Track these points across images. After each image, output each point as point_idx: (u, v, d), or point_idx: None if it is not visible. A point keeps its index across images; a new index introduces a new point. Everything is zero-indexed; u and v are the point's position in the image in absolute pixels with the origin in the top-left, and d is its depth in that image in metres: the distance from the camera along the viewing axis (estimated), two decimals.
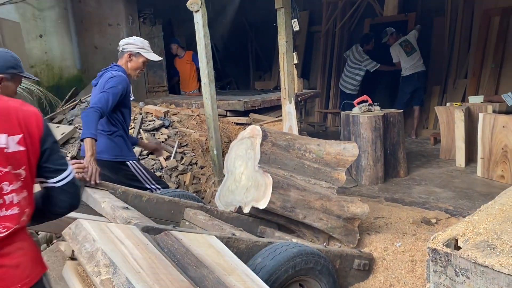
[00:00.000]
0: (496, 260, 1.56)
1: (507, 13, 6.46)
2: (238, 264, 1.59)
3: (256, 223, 3.13)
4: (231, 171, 3.47)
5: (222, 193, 3.43)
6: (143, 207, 2.53)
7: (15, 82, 2.35)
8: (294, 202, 2.93)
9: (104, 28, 6.87)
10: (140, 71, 3.25)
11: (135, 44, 3.19)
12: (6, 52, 2.34)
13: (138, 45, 3.18)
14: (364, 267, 2.73)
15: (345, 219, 3.11)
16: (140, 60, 3.20)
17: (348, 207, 3.11)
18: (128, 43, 3.20)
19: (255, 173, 3.12)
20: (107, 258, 1.27)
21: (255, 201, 2.92)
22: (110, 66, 3.23)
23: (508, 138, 4.39)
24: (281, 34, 4.61)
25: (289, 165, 3.27)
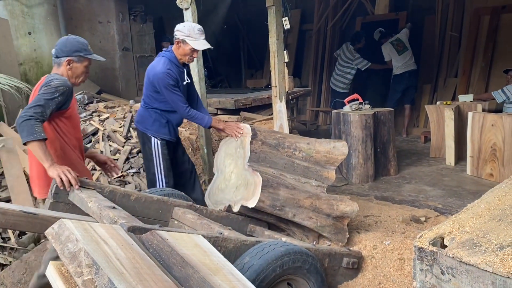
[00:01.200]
0: (481, 259, 1.56)
1: (497, 12, 6.50)
2: (224, 264, 1.59)
3: (246, 222, 3.12)
4: (221, 169, 3.46)
5: (211, 192, 3.42)
6: (131, 206, 2.51)
7: (82, 63, 2.66)
8: (283, 201, 2.93)
9: (94, 25, 6.82)
10: (190, 58, 3.33)
11: (181, 31, 3.26)
12: (72, 38, 2.70)
13: (185, 33, 3.25)
14: (353, 265, 2.74)
15: (335, 218, 3.11)
16: (187, 48, 3.27)
17: (337, 206, 3.12)
18: (177, 30, 3.29)
19: (244, 172, 3.12)
20: (89, 258, 1.25)
21: (245, 200, 2.92)
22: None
23: (497, 137, 4.42)
24: (272, 32, 4.60)
25: (278, 163, 3.27)
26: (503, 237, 1.70)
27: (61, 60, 2.60)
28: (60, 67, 2.62)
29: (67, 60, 2.59)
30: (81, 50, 2.64)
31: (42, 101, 2.38)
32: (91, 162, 4.29)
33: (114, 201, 2.39)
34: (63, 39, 2.69)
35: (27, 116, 2.31)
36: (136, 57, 7.19)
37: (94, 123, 4.92)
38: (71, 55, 2.60)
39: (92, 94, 6.07)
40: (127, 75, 7.05)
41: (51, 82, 2.48)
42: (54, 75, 2.58)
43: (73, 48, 2.63)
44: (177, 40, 3.28)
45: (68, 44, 2.63)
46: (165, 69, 3.24)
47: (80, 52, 2.64)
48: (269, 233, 2.99)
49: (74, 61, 2.61)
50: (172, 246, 1.56)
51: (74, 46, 2.63)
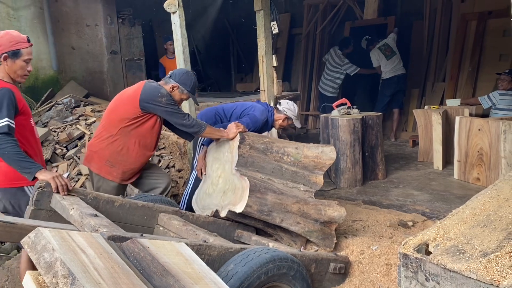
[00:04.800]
0: (465, 266, 1.56)
1: (483, 17, 6.57)
2: (207, 272, 1.56)
3: (233, 227, 3.10)
4: (209, 174, 3.44)
5: (199, 197, 3.39)
6: (115, 213, 2.47)
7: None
8: (271, 206, 2.91)
9: (81, 29, 6.76)
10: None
11: (291, 110, 3.87)
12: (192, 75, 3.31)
13: (292, 111, 3.87)
14: (340, 270, 2.72)
15: (322, 223, 3.10)
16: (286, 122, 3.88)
17: (325, 211, 3.10)
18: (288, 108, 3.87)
19: (232, 176, 3.09)
20: (65, 268, 1.22)
21: (232, 204, 2.89)
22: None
23: (484, 141, 4.45)
24: (260, 36, 4.60)
25: (267, 168, 3.25)
26: (487, 244, 1.70)
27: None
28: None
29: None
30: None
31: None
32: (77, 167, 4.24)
33: (97, 208, 2.36)
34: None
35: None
36: (124, 61, 7.13)
37: (80, 127, 4.86)
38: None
39: (79, 97, 6.01)
40: (115, 78, 6.99)
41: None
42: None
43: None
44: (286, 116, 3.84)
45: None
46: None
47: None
48: (256, 238, 2.98)
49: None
50: (153, 255, 1.53)
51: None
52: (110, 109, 3.20)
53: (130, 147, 3.09)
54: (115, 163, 3.09)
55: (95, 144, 3.14)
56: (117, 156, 3.08)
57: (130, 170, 3.17)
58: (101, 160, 3.09)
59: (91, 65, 6.83)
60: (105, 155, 3.08)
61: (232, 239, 3.08)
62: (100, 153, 3.09)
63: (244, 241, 3.03)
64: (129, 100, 3.08)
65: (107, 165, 3.08)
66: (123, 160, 3.10)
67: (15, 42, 2.50)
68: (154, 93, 3.03)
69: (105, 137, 3.09)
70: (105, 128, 3.12)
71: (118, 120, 3.07)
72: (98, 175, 3.13)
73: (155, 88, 3.07)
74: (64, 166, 4.38)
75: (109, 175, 3.11)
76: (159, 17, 8.25)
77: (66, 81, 6.63)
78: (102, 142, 3.09)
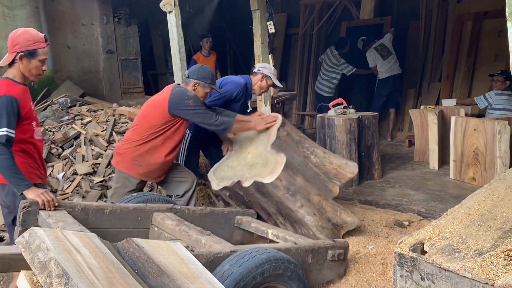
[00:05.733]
0: (460, 265, 1.56)
1: (479, 18, 6.59)
2: (202, 272, 1.56)
3: (232, 215, 3.15)
4: (235, 150, 3.59)
5: (219, 168, 3.50)
6: (107, 220, 2.46)
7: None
8: (297, 188, 3.01)
9: (77, 28, 6.73)
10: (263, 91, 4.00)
11: (267, 68, 3.90)
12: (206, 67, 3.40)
13: (269, 70, 3.89)
14: (338, 257, 2.68)
15: (334, 224, 3.18)
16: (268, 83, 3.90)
17: (340, 213, 3.22)
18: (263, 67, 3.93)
19: (266, 153, 3.21)
20: (60, 268, 1.21)
21: (261, 176, 2.98)
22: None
23: (479, 141, 4.46)
24: (257, 36, 4.60)
25: (295, 159, 3.33)
26: (482, 243, 1.70)
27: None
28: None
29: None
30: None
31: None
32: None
33: (87, 219, 2.35)
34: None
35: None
36: (120, 60, 7.11)
37: (76, 126, 4.84)
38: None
39: (75, 97, 5.99)
40: (111, 78, 6.98)
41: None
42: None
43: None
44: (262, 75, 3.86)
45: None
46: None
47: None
48: (256, 224, 3.02)
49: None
50: (148, 254, 1.52)
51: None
52: (140, 116, 3.35)
53: (157, 148, 3.24)
54: (142, 163, 3.23)
55: (124, 148, 3.29)
56: (144, 156, 3.23)
57: (156, 170, 3.30)
58: (129, 160, 3.24)
59: (87, 64, 6.81)
60: (133, 156, 3.23)
61: (232, 226, 3.12)
62: (128, 155, 3.24)
63: (244, 228, 3.09)
64: (158, 107, 3.23)
65: (135, 164, 3.23)
66: (150, 160, 3.24)
67: (33, 41, 2.45)
68: (181, 98, 3.17)
69: (135, 141, 3.24)
70: (136, 133, 3.27)
71: (148, 127, 3.22)
72: (125, 173, 3.27)
73: (182, 92, 3.21)
74: (60, 166, 4.36)
75: (136, 173, 3.25)
76: (155, 16, 8.23)
77: (62, 80, 6.60)
78: (131, 146, 3.24)
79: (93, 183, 4.18)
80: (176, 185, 3.45)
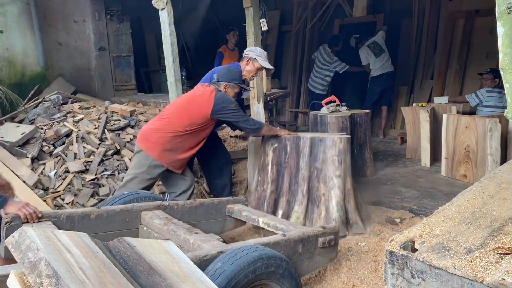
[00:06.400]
0: (450, 262, 1.57)
1: (471, 16, 6.63)
2: (194, 271, 1.56)
3: (223, 204, 3.18)
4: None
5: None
6: (94, 225, 2.45)
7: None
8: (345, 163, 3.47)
9: (69, 24, 6.67)
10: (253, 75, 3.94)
11: (253, 51, 3.89)
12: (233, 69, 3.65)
13: (256, 53, 3.86)
14: (329, 243, 2.69)
15: (348, 218, 3.45)
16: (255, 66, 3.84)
17: (358, 213, 3.57)
18: (249, 50, 3.93)
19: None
20: (50, 268, 1.21)
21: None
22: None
23: (471, 139, 4.50)
24: (250, 33, 4.57)
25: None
26: (471, 240, 1.72)
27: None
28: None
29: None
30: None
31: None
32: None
33: (73, 227, 2.33)
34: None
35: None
36: (112, 57, 7.06)
37: (68, 124, 4.80)
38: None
39: (67, 94, 5.93)
40: (104, 75, 6.92)
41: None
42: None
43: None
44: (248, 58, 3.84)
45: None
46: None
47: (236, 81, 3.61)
48: (247, 213, 3.04)
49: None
50: (139, 253, 1.52)
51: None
52: (178, 110, 3.47)
53: (187, 141, 3.39)
54: (171, 153, 3.37)
55: (157, 136, 3.37)
56: (174, 148, 3.37)
57: (179, 160, 3.42)
58: (161, 149, 3.34)
59: (79, 61, 6.76)
60: (166, 146, 3.34)
61: (223, 215, 3.17)
62: (160, 144, 3.34)
63: (235, 216, 3.13)
64: (202, 108, 3.39)
65: (166, 153, 3.34)
66: (177, 151, 3.38)
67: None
68: (226, 103, 3.40)
69: (169, 132, 3.36)
70: (171, 124, 3.39)
71: (188, 124, 3.37)
72: (154, 159, 3.34)
73: (226, 99, 3.43)
74: (51, 164, 4.33)
75: (165, 162, 3.35)
76: (148, 13, 8.17)
77: (54, 77, 6.54)
78: (164, 136, 3.35)
79: (85, 181, 4.15)
80: (175, 181, 3.49)
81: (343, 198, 3.38)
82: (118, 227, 2.51)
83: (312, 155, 3.46)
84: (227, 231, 3.27)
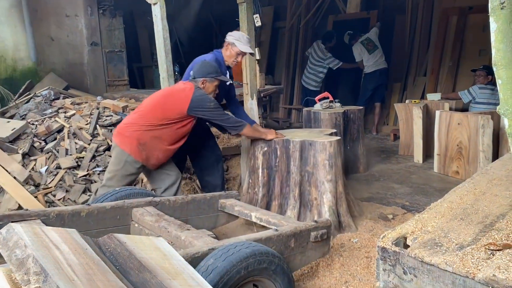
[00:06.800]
0: (441, 259, 1.57)
1: (464, 12, 6.65)
2: (185, 267, 1.54)
3: (215, 199, 3.15)
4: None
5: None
6: (85, 223, 2.42)
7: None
8: (336, 167, 3.41)
9: (61, 19, 6.60)
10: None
11: (233, 36, 3.77)
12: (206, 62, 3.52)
13: (235, 37, 3.75)
14: (322, 237, 2.66)
15: (340, 221, 3.42)
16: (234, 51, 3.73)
17: (350, 216, 3.54)
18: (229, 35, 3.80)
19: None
20: (38, 265, 1.19)
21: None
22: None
23: (463, 135, 4.51)
24: (243, 29, 4.55)
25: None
26: (463, 237, 1.72)
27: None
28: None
29: None
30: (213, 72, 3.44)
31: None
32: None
33: (63, 225, 2.29)
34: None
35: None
36: (105, 53, 6.99)
37: (59, 119, 4.75)
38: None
39: (59, 89, 5.87)
40: (96, 70, 6.86)
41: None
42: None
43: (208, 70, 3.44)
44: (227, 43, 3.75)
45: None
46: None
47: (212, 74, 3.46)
48: (239, 208, 3.01)
49: None
50: (130, 250, 1.51)
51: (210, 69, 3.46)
52: (154, 104, 3.39)
53: (162, 137, 3.29)
54: (145, 147, 3.27)
55: (130, 131, 3.29)
56: (148, 142, 3.26)
57: (155, 157, 3.32)
58: (135, 143, 3.25)
59: (71, 56, 6.70)
60: (139, 140, 3.24)
61: (216, 210, 3.14)
62: (133, 138, 3.25)
63: (228, 211, 3.10)
64: (178, 104, 3.28)
65: (139, 148, 3.25)
66: (152, 146, 3.29)
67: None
68: (204, 101, 3.29)
69: (142, 125, 3.27)
70: (145, 118, 3.30)
71: (162, 117, 3.26)
72: (128, 154, 3.26)
73: (205, 98, 3.32)
74: (43, 160, 4.28)
75: (139, 157, 3.26)
76: (141, 8, 8.11)
77: (45, 72, 6.48)
78: (138, 130, 3.26)
79: (77, 177, 4.12)
80: (159, 176, 3.44)
81: (335, 203, 3.34)
82: (109, 224, 2.48)
83: (302, 159, 3.40)
84: (220, 226, 3.25)
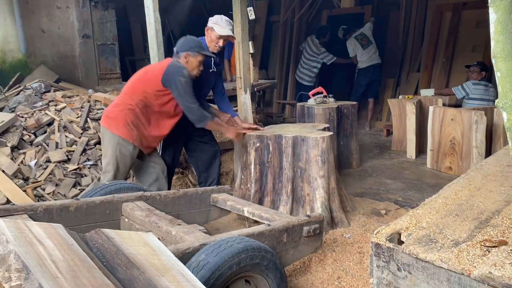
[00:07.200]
0: (436, 255, 1.54)
1: (458, 8, 6.63)
2: (174, 264, 1.50)
3: (207, 194, 3.13)
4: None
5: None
6: (73, 217, 2.38)
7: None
8: (329, 163, 3.39)
9: (52, 11, 6.49)
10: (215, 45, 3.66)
11: (212, 20, 3.66)
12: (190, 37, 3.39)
13: (213, 21, 3.63)
14: (314, 231, 2.66)
15: (332, 217, 3.39)
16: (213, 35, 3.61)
17: (343, 211, 3.49)
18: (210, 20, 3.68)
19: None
20: (20, 261, 1.14)
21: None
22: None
23: (456, 131, 4.50)
24: (237, 22, 4.49)
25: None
26: (458, 233, 1.70)
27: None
28: None
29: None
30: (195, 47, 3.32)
31: None
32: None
33: (51, 220, 2.24)
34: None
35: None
36: (97, 45, 6.89)
37: (49, 113, 4.68)
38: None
39: (50, 82, 5.79)
40: (87, 63, 6.76)
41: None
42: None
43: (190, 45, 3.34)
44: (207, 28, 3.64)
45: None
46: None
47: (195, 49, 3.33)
48: (232, 203, 2.99)
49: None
50: (117, 246, 1.46)
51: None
52: (134, 80, 3.36)
53: (148, 116, 3.27)
54: (135, 126, 3.22)
55: (117, 111, 3.26)
56: (136, 120, 3.23)
57: (145, 137, 3.29)
58: (121, 122, 3.20)
59: (62, 49, 6.59)
60: (126, 119, 3.21)
61: (208, 205, 3.12)
62: (120, 118, 3.21)
63: (220, 206, 3.08)
64: (154, 75, 3.26)
65: (127, 128, 3.19)
66: (141, 125, 3.25)
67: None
68: (176, 71, 3.19)
69: (127, 103, 3.24)
70: (128, 96, 3.28)
71: (142, 92, 3.24)
72: (119, 136, 3.20)
73: (179, 68, 3.22)
74: (32, 153, 4.21)
75: (130, 138, 3.21)
76: (133, 0, 8.00)
77: (36, 65, 6.38)
78: (123, 109, 3.23)
79: (67, 170, 4.06)
80: (145, 169, 3.40)
81: (327, 198, 3.32)
82: (98, 219, 2.43)
83: (295, 155, 3.36)
84: (212, 221, 3.22)
